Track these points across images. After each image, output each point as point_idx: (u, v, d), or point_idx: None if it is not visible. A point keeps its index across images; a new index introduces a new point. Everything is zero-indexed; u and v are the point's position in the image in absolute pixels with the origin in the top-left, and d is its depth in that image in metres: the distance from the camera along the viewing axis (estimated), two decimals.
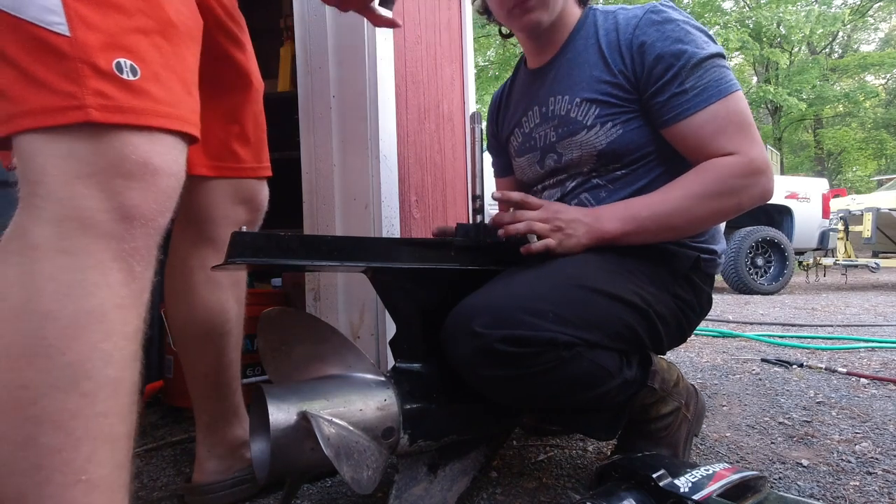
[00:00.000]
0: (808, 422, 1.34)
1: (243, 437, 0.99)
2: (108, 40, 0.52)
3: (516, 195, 0.92)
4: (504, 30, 1.18)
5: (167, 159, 0.55)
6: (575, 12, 1.06)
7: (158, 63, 0.55)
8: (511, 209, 0.95)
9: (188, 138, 0.59)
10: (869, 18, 18.06)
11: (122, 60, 0.52)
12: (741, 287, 5.01)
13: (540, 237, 0.90)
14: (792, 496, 0.92)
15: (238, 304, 0.98)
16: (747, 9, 15.48)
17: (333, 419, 0.74)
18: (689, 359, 2.12)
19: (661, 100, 0.93)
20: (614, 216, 0.91)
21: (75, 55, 0.50)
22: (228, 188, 0.94)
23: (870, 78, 18.46)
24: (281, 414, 0.72)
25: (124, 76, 0.52)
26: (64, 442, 0.46)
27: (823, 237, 5.54)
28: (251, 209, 0.98)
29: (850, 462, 1.09)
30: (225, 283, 0.95)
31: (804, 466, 1.08)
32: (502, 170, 1.29)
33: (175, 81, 0.57)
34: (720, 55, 0.93)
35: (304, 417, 0.72)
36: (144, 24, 0.54)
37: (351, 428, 0.75)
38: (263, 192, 1.01)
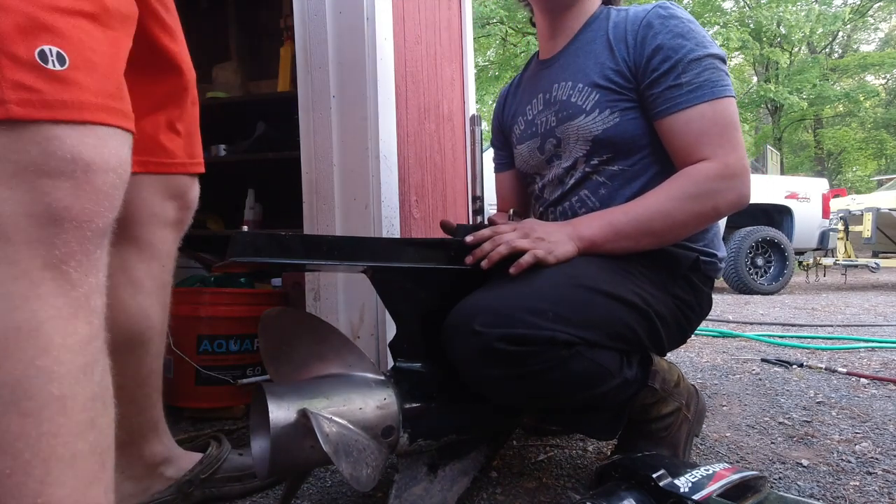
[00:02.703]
0: (808, 422, 1.34)
1: (163, 453, 0.91)
2: (27, 23, 0.46)
3: (486, 231, 0.88)
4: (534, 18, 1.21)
5: (103, 153, 0.50)
6: (594, 5, 1.09)
7: (89, 49, 0.50)
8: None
9: (126, 131, 0.54)
10: (869, 18, 18.04)
11: (46, 48, 0.46)
12: (741, 287, 5.01)
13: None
14: (792, 496, 0.92)
15: (163, 309, 0.90)
16: (747, 8, 15.46)
17: (333, 417, 0.74)
18: (689, 359, 2.12)
19: (656, 91, 0.94)
20: (591, 224, 0.91)
21: None
22: (156, 184, 0.85)
23: (870, 78, 18.46)
24: (281, 412, 0.72)
25: (49, 66, 0.46)
26: (11, 465, 0.43)
27: (823, 237, 5.53)
28: (180, 207, 0.90)
29: (850, 462, 1.09)
30: (149, 286, 0.86)
31: (804, 466, 1.08)
32: (503, 164, 1.30)
33: (108, 70, 0.52)
34: (720, 58, 0.94)
35: (303, 415, 0.72)
36: (72, 4, 0.49)
37: (350, 426, 0.75)
38: (194, 189, 0.93)
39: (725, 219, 5.14)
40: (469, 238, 0.88)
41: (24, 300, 0.45)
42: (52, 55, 0.47)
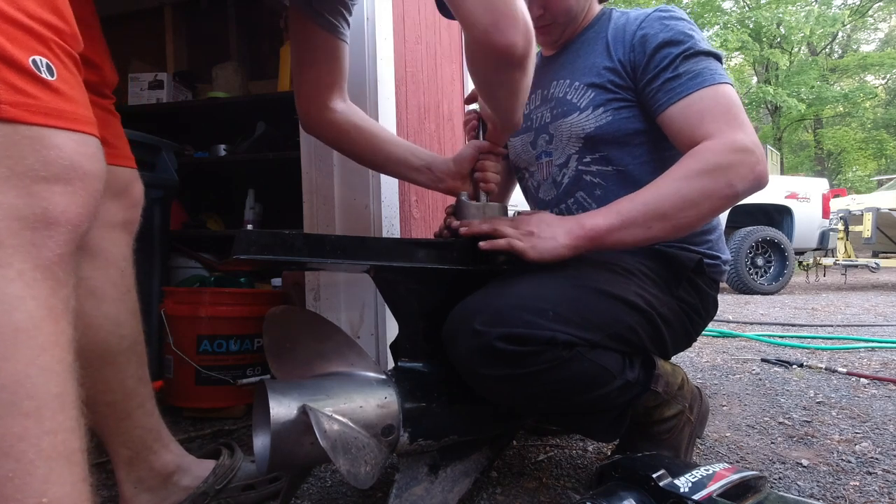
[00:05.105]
0: (808, 422, 1.34)
1: (174, 461, 0.88)
2: (20, 31, 0.47)
3: (486, 227, 0.87)
4: None
5: (95, 162, 0.52)
6: (595, 8, 1.12)
7: (67, 63, 0.51)
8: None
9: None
10: (869, 18, 18.06)
11: (37, 58, 0.48)
12: (741, 287, 5.01)
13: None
14: (792, 496, 0.92)
15: (133, 315, 0.85)
16: (747, 9, 15.46)
17: (333, 415, 0.74)
18: (689, 359, 2.12)
19: (655, 85, 0.94)
20: (597, 214, 0.87)
21: None
22: None
23: (870, 78, 18.46)
24: (282, 408, 0.72)
25: (43, 75, 0.48)
26: (14, 468, 0.44)
27: (823, 237, 5.53)
28: (126, 206, 0.84)
29: (850, 462, 1.09)
30: (112, 294, 0.81)
31: (804, 466, 1.08)
32: None
33: (79, 84, 0.54)
34: (717, 57, 0.95)
35: (304, 412, 0.72)
36: (50, 18, 0.50)
37: (350, 424, 0.76)
38: (138, 184, 0.87)
39: (726, 219, 5.14)
40: (465, 230, 0.87)
41: (21, 301, 0.46)
42: (42, 65, 0.48)
